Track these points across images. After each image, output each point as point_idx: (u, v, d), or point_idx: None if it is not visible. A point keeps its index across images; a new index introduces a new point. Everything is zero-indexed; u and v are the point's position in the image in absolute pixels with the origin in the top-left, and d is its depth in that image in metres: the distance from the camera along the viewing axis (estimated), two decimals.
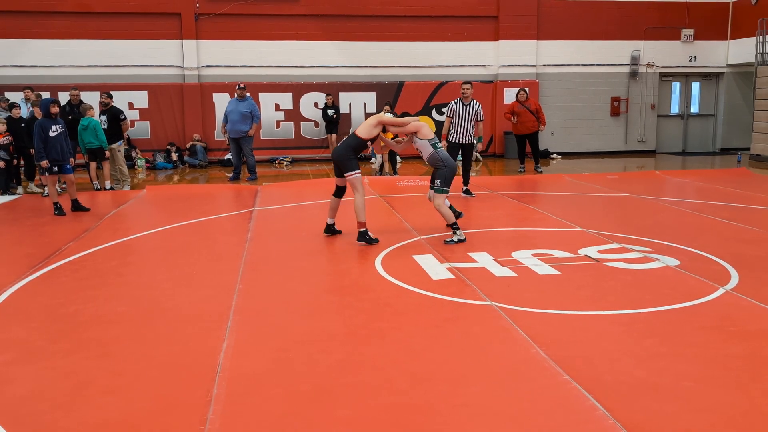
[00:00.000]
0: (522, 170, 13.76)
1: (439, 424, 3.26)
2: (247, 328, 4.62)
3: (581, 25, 17.64)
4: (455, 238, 7.09)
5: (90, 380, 3.80)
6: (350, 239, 7.57)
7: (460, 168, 10.08)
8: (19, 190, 11.47)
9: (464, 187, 10.56)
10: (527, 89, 13.86)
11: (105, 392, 3.64)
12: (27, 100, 12.08)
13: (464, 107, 10.05)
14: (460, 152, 10.16)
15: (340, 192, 7.51)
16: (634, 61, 17.98)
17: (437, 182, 7.26)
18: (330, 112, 16.17)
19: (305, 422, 3.29)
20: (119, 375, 3.87)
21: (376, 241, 7.14)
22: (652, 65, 18.15)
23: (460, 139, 10.12)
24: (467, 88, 10.07)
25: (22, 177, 11.97)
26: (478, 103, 10.15)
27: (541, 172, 13.60)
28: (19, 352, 4.24)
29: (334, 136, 16.22)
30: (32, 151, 10.26)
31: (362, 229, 7.13)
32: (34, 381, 3.80)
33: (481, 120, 10.15)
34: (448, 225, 7.32)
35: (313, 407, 3.44)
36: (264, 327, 4.67)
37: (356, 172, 7.19)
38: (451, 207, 7.76)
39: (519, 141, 13.84)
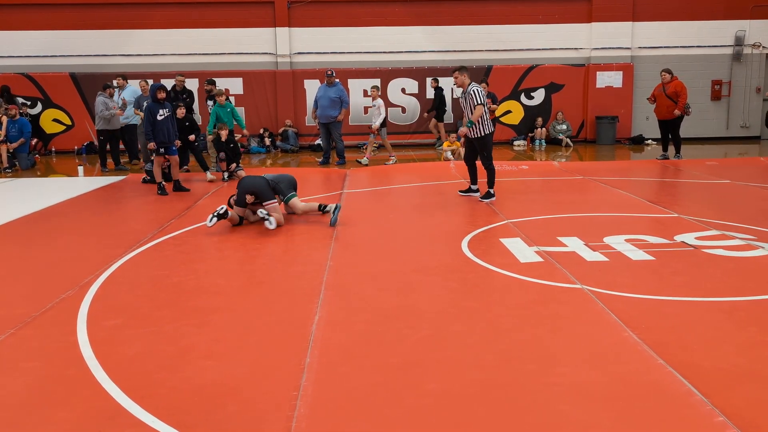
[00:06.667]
0: (662, 156, 12.88)
1: (528, 402, 3.27)
2: (337, 302, 4.76)
3: (680, 5, 16.78)
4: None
5: (192, 345, 4.04)
6: (435, 222, 7.61)
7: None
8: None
9: (473, 186, 8.99)
10: (670, 69, 12.72)
11: (206, 357, 3.86)
12: (120, 87, 12.67)
13: (463, 97, 8.68)
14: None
15: None
16: (739, 41, 16.95)
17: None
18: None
19: (394, 393, 3.37)
20: (218, 342, 4.09)
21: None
22: (759, 46, 17.06)
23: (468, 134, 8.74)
24: (455, 76, 8.64)
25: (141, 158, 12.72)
26: (472, 88, 8.55)
27: (679, 158, 12.69)
28: (128, 317, 4.55)
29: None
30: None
31: None
32: (142, 344, 4.07)
33: (476, 104, 8.43)
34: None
35: (402, 379, 3.52)
36: (354, 302, 4.79)
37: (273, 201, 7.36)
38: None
39: (659, 125, 13.05)
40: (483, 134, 8.66)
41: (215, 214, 6.96)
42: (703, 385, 3.35)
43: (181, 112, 10.57)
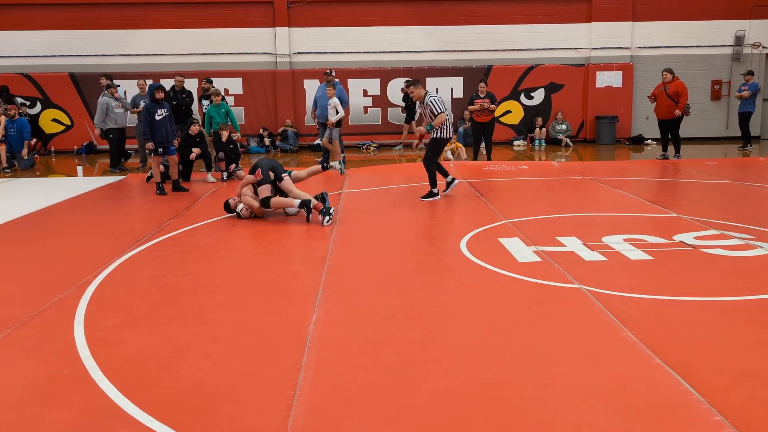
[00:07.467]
0: (662, 156, 12.95)
1: (524, 401, 3.26)
2: (335, 302, 4.75)
3: (680, 5, 16.80)
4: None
5: (189, 345, 4.04)
6: (434, 222, 7.60)
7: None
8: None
9: (448, 178, 9.06)
10: (671, 69, 12.74)
11: (203, 356, 3.86)
12: (106, 87, 12.66)
13: (422, 107, 8.88)
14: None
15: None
16: (738, 41, 16.95)
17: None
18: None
19: (391, 392, 3.37)
20: (215, 341, 4.09)
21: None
22: (759, 46, 17.06)
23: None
24: (411, 91, 8.86)
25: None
26: (430, 98, 8.65)
27: (678, 158, 12.71)
28: (125, 317, 4.54)
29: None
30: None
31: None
32: (139, 344, 4.07)
33: (438, 113, 8.58)
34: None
35: (399, 378, 3.51)
36: (351, 302, 4.79)
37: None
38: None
39: (659, 125, 13.08)
40: (437, 136, 8.80)
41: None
42: (701, 384, 3.34)
43: (195, 129, 10.70)
